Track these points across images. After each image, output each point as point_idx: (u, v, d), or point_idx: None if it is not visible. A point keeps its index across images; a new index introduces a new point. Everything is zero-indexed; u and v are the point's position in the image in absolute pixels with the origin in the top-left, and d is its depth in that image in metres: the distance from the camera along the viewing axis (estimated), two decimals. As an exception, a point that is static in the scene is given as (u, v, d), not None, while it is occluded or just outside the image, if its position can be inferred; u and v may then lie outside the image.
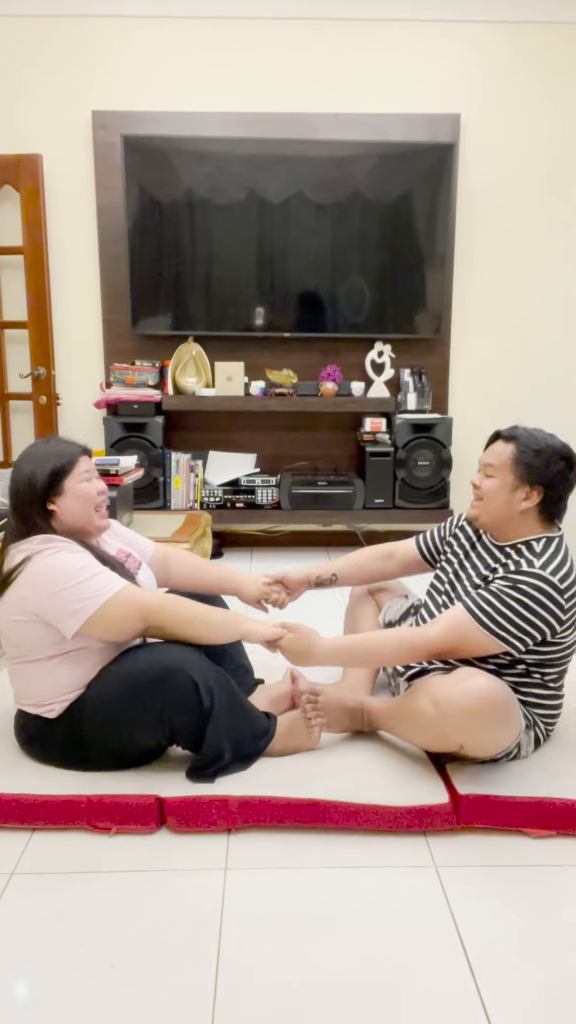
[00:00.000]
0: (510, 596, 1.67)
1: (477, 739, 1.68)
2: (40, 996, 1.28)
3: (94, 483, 1.80)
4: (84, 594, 1.65)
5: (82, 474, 1.77)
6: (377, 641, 1.78)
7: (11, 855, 1.61)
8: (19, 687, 1.78)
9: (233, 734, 1.74)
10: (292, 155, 3.69)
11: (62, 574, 1.65)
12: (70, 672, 1.72)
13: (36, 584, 1.66)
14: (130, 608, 1.67)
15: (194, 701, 1.67)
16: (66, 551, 1.69)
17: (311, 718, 1.82)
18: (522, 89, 3.79)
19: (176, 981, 1.30)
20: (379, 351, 3.92)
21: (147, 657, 1.72)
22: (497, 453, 1.79)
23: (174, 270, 3.77)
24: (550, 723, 1.84)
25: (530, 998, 1.27)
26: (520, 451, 1.76)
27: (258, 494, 3.88)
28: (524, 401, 4.04)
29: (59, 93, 3.73)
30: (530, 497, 1.76)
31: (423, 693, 1.71)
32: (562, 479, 1.76)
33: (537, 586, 1.66)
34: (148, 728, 1.71)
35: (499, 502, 1.78)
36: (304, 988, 1.29)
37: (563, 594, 1.67)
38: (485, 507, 1.80)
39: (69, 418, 3.99)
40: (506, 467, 1.77)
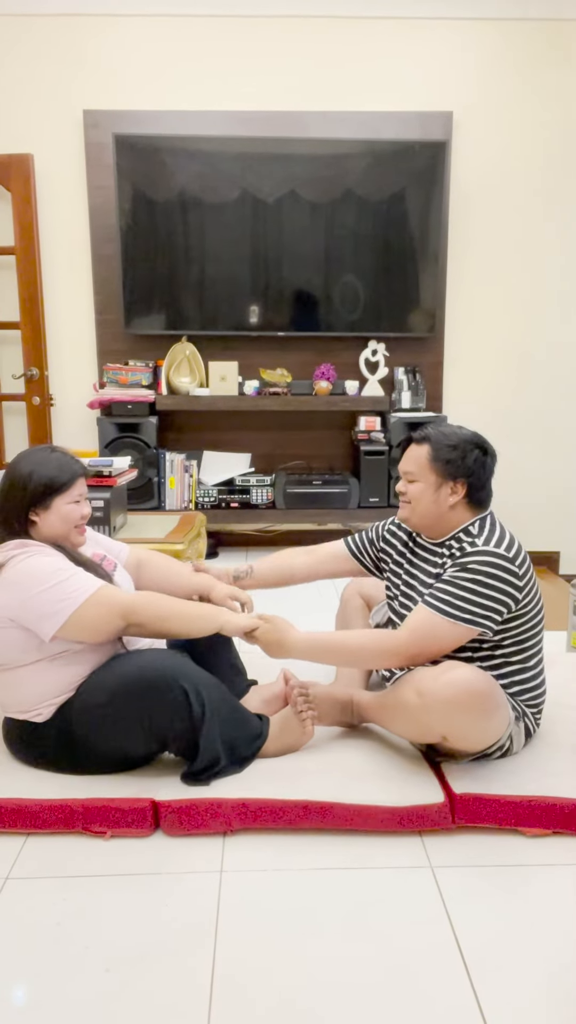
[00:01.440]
0: (464, 579, 1.70)
1: (460, 730, 1.68)
2: (36, 1000, 1.27)
3: (81, 506, 1.79)
4: (61, 595, 1.63)
5: (73, 496, 1.77)
6: (350, 640, 1.80)
7: (6, 859, 1.60)
8: (6, 694, 1.75)
9: (227, 739, 1.74)
10: (285, 153, 3.68)
11: (37, 577, 1.64)
12: (55, 677, 1.71)
13: (11, 589, 1.65)
14: (108, 608, 1.66)
15: (185, 710, 1.66)
16: (40, 554, 1.69)
17: (302, 711, 1.82)
18: (514, 86, 3.79)
19: (172, 984, 1.30)
20: (373, 350, 3.92)
21: (135, 664, 1.70)
22: (414, 458, 1.84)
23: (167, 269, 3.76)
24: (536, 708, 1.84)
25: (526, 998, 1.27)
26: (435, 449, 1.81)
27: (253, 494, 3.87)
28: (518, 398, 4.04)
29: (50, 92, 3.72)
30: (456, 491, 1.80)
31: (408, 685, 1.72)
32: (481, 466, 1.81)
33: (487, 561, 1.70)
34: (138, 736, 1.70)
35: (427, 502, 1.81)
36: (300, 989, 1.29)
37: (513, 562, 1.70)
38: (414, 509, 1.84)
39: (63, 419, 3.98)
40: (425, 468, 1.81)
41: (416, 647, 1.72)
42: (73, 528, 1.78)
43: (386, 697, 1.84)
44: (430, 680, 1.66)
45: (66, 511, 1.76)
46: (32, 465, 1.75)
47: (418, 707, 1.67)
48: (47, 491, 1.73)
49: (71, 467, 1.78)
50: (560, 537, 4.14)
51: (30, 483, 1.73)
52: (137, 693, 1.66)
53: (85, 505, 1.81)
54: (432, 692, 1.65)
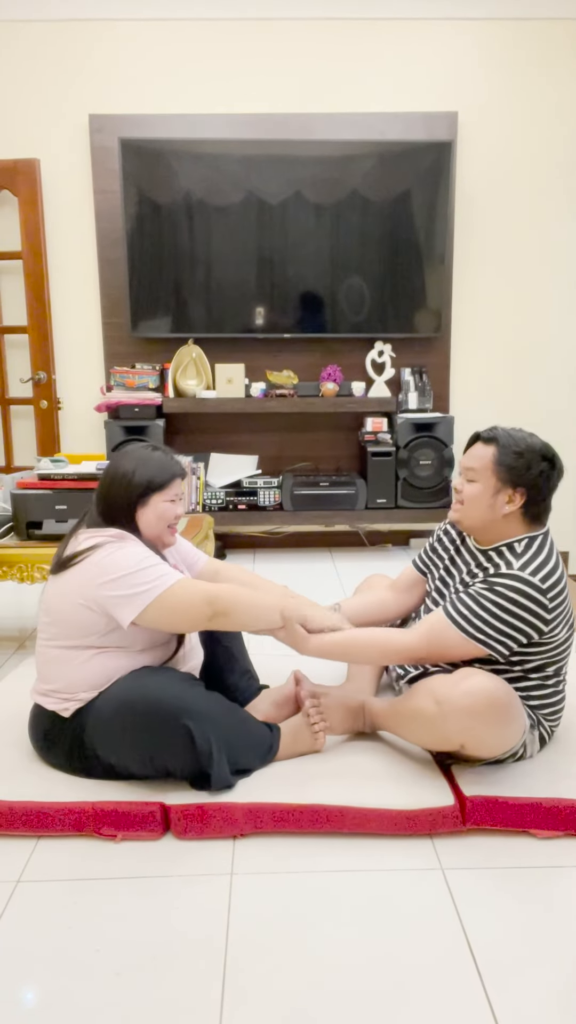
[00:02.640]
0: (487, 599, 1.66)
1: (478, 739, 1.67)
2: (47, 1004, 1.27)
3: (176, 505, 1.83)
4: (148, 578, 1.66)
5: (171, 495, 1.81)
6: (363, 638, 1.78)
7: (17, 863, 1.61)
8: (47, 671, 1.76)
9: (239, 763, 1.74)
10: (290, 155, 3.68)
11: (127, 562, 1.67)
12: (101, 668, 1.72)
13: (103, 571, 1.67)
14: (195, 593, 1.68)
15: (188, 749, 1.65)
16: (131, 545, 1.72)
17: (315, 723, 1.82)
18: (519, 86, 3.78)
19: (183, 988, 1.29)
20: (379, 351, 3.92)
21: (147, 687, 1.68)
22: (478, 456, 1.76)
23: (173, 272, 3.77)
24: (554, 720, 1.83)
25: (538, 1001, 1.27)
26: (501, 453, 1.73)
27: (260, 496, 3.87)
28: (525, 398, 4.03)
29: (55, 97, 3.73)
30: (513, 500, 1.73)
31: (424, 692, 1.70)
32: (545, 480, 1.73)
33: (516, 587, 1.65)
34: (142, 763, 1.70)
35: (481, 507, 1.75)
36: (312, 992, 1.28)
37: (545, 594, 1.65)
38: (466, 512, 1.78)
39: (70, 422, 3.99)
40: (488, 470, 1.74)
41: (425, 651, 1.72)
42: (166, 527, 1.82)
43: (400, 704, 1.82)
44: (448, 688, 1.64)
45: (163, 508, 1.79)
46: (135, 462, 1.79)
47: (436, 715, 1.65)
48: (148, 488, 1.77)
49: (171, 467, 1.82)
50: (571, 538, 4.13)
51: (133, 479, 1.77)
52: (143, 721, 1.66)
53: (179, 505, 1.84)
54: (450, 700, 1.63)
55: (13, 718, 2.03)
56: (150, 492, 1.78)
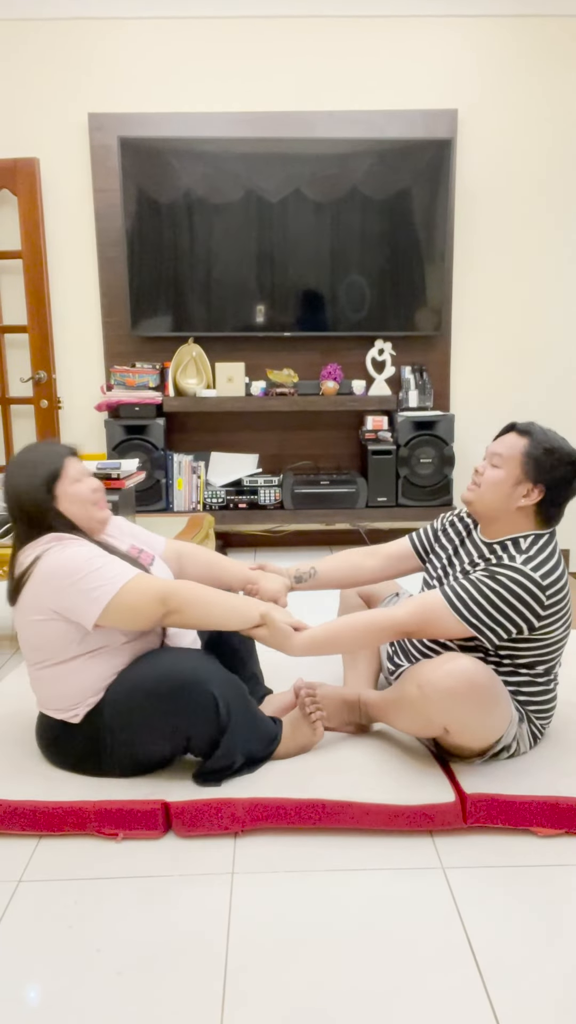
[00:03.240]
0: (486, 586, 1.67)
1: (459, 722, 1.67)
2: (48, 1003, 1.27)
3: (86, 482, 1.79)
4: (100, 581, 1.64)
5: (72, 476, 1.77)
6: (346, 624, 1.77)
7: (18, 862, 1.61)
8: (44, 692, 1.76)
9: (246, 743, 1.74)
10: (289, 153, 3.67)
11: (75, 565, 1.66)
12: (96, 671, 1.72)
13: (51, 579, 1.66)
14: (148, 593, 1.66)
15: (212, 715, 1.67)
16: (75, 545, 1.70)
17: (311, 712, 1.83)
18: (518, 83, 3.77)
19: (184, 987, 1.30)
20: (380, 349, 3.91)
21: (165, 665, 1.70)
22: (509, 444, 1.77)
23: (173, 271, 3.77)
24: (544, 718, 1.83)
25: (541, 1001, 1.26)
26: (532, 446, 1.74)
27: (261, 494, 3.87)
28: (526, 396, 4.03)
29: (54, 96, 3.72)
30: (530, 495, 1.74)
31: (408, 678, 1.72)
32: (566, 483, 1.74)
33: (515, 579, 1.66)
34: (164, 737, 1.71)
35: (499, 493, 1.76)
36: (312, 991, 1.28)
37: (544, 591, 1.66)
38: (481, 495, 1.79)
39: (70, 421, 3.99)
40: (515, 460, 1.75)
41: (416, 626, 1.72)
42: (91, 505, 1.79)
43: (390, 693, 1.84)
44: (430, 671, 1.67)
45: (73, 492, 1.76)
46: (25, 467, 1.76)
47: (418, 698, 1.67)
48: (49, 481, 1.74)
49: (57, 451, 1.79)
50: (570, 535, 4.13)
51: (33, 482, 1.74)
52: (167, 694, 1.66)
53: (90, 479, 1.81)
54: (431, 682, 1.65)
55: (13, 718, 2.03)
56: (53, 483, 1.74)
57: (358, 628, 1.76)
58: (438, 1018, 1.23)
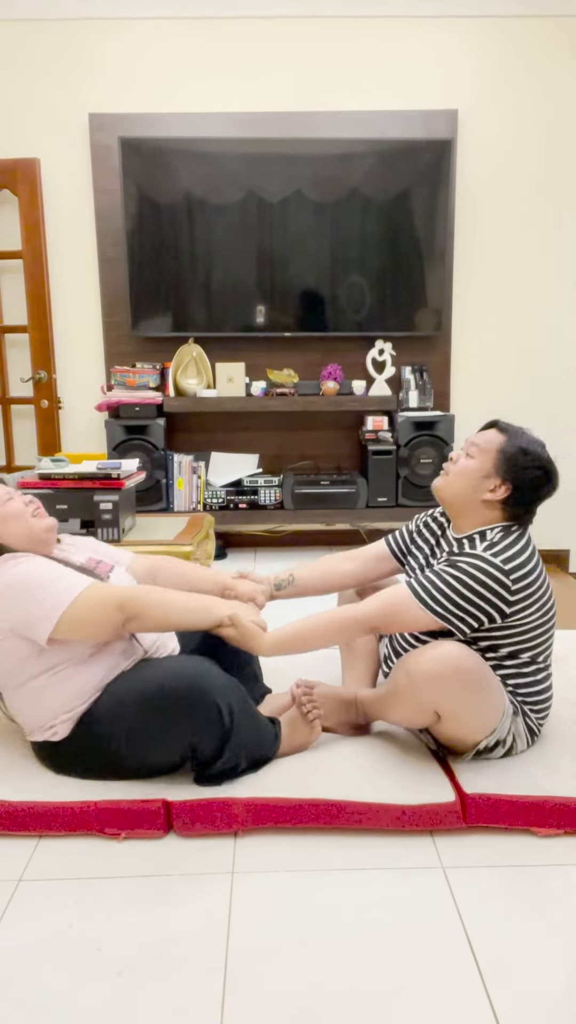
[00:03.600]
0: (448, 575, 1.69)
1: (450, 705, 1.67)
2: (48, 1003, 1.27)
3: (16, 500, 1.79)
4: (51, 594, 1.63)
5: (2, 500, 1.77)
6: (312, 621, 1.78)
7: (18, 862, 1.61)
8: (21, 717, 1.76)
9: (247, 748, 1.74)
10: (290, 154, 3.68)
11: (26, 582, 1.64)
12: (62, 689, 1.70)
13: (2, 597, 1.64)
14: (103, 601, 1.64)
15: (216, 723, 1.66)
16: (28, 561, 1.69)
17: (308, 711, 1.84)
18: (518, 83, 3.78)
19: (184, 987, 1.30)
20: (380, 349, 3.91)
21: (165, 675, 1.68)
22: (488, 438, 1.82)
23: (173, 271, 3.77)
24: (540, 711, 1.83)
25: (541, 1001, 1.27)
26: (509, 444, 1.79)
27: (261, 494, 3.87)
28: (526, 396, 4.03)
29: (55, 96, 3.73)
30: (496, 490, 1.78)
31: (399, 668, 1.74)
32: (533, 486, 1.78)
33: (476, 565, 1.68)
34: (169, 747, 1.70)
35: (467, 482, 1.80)
36: (312, 992, 1.28)
37: (508, 575, 1.68)
38: (450, 482, 1.83)
39: (71, 421, 4.00)
40: (489, 453, 1.79)
41: (382, 619, 1.73)
42: (30, 517, 1.78)
43: (384, 687, 1.86)
44: (416, 657, 1.69)
45: (4, 512, 1.75)
46: None
47: (407, 686, 1.69)
48: None
49: None
50: (569, 535, 4.13)
51: None
52: (170, 705, 1.65)
53: (20, 496, 1.80)
54: (418, 668, 1.66)
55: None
56: None
57: (326, 625, 1.77)
58: (438, 1017, 1.23)
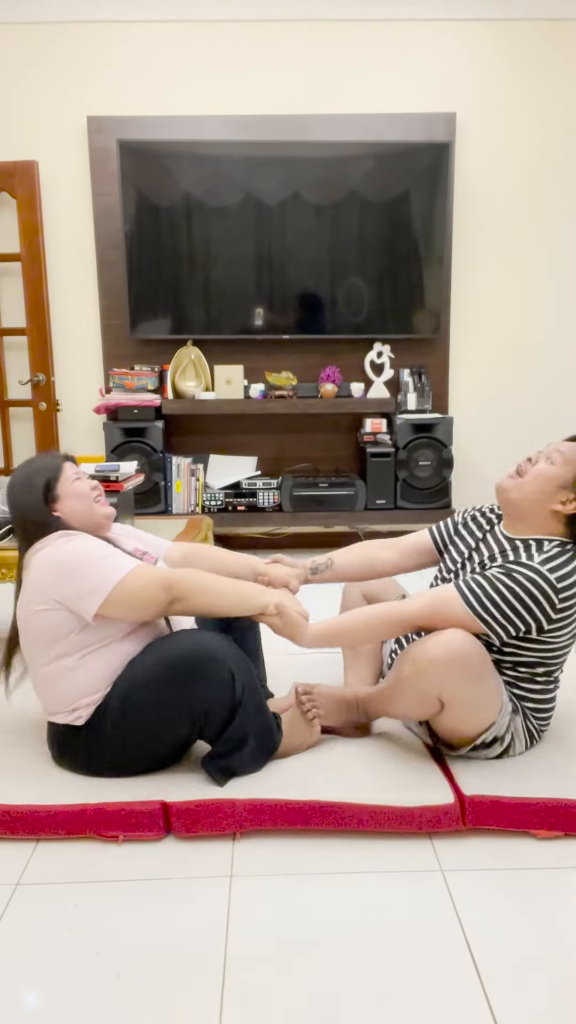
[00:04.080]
0: (501, 582, 1.68)
1: (453, 692, 1.67)
2: (46, 1006, 1.27)
3: (85, 481, 1.86)
4: (101, 571, 1.67)
5: (71, 477, 1.84)
6: (358, 616, 1.78)
7: (16, 865, 1.61)
8: (46, 694, 1.77)
9: (255, 723, 1.75)
10: (288, 157, 3.68)
11: (77, 556, 1.69)
12: (94, 669, 1.72)
13: (54, 568, 1.69)
14: (150, 580, 1.68)
15: (228, 689, 1.69)
16: (80, 539, 1.74)
17: (308, 710, 1.84)
18: (517, 86, 3.79)
19: (183, 991, 1.29)
20: (378, 351, 3.92)
21: (180, 644, 1.72)
22: (571, 448, 1.79)
23: (172, 274, 3.77)
24: (541, 718, 1.83)
25: (540, 1005, 1.26)
26: None
27: (259, 497, 3.87)
28: (525, 398, 4.03)
29: (54, 99, 3.73)
30: (567, 504, 1.75)
31: (402, 659, 1.74)
32: None
33: (531, 578, 1.66)
34: (182, 714, 1.70)
35: (539, 489, 1.76)
36: (311, 995, 1.28)
37: (558, 593, 1.66)
38: (521, 486, 1.78)
39: (69, 424, 3.99)
40: (571, 464, 1.76)
41: (426, 618, 1.72)
42: (93, 502, 1.84)
43: (386, 682, 1.85)
44: (420, 645, 1.69)
45: (74, 489, 1.82)
46: (20, 479, 1.83)
47: (412, 673, 1.68)
48: (48, 486, 1.80)
49: (53, 459, 1.87)
50: (568, 537, 4.13)
51: (31, 492, 1.80)
52: (185, 669, 1.68)
53: (89, 479, 1.87)
54: (424, 654, 1.66)
55: (13, 721, 2.03)
56: (54, 483, 1.81)
57: (371, 620, 1.76)
58: (437, 1020, 1.23)
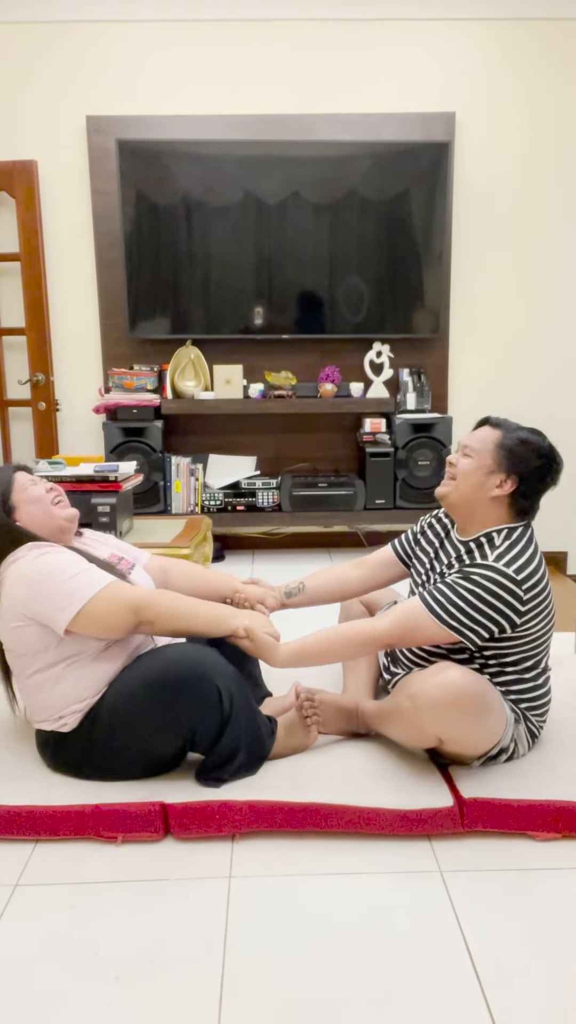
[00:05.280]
0: (462, 587, 1.68)
1: (452, 732, 1.67)
2: (45, 1008, 1.27)
3: (39, 486, 1.84)
4: (72, 589, 1.66)
5: (25, 484, 1.82)
6: (332, 636, 1.78)
7: (15, 866, 1.61)
8: (30, 703, 1.78)
9: (246, 736, 1.75)
10: (288, 156, 3.68)
11: (50, 572, 1.68)
12: (75, 680, 1.72)
13: (25, 584, 1.68)
14: (119, 603, 1.68)
15: (215, 706, 1.68)
16: (54, 552, 1.73)
17: (308, 715, 1.84)
18: (516, 85, 3.78)
19: (181, 992, 1.29)
20: (378, 351, 3.92)
21: (167, 660, 1.71)
22: (481, 437, 1.80)
23: (171, 273, 3.77)
24: (539, 715, 1.83)
25: (538, 1005, 1.26)
26: (506, 437, 1.77)
27: (259, 496, 3.87)
28: (523, 398, 4.03)
29: (53, 99, 3.73)
30: (503, 485, 1.76)
31: (400, 690, 1.74)
32: (539, 475, 1.76)
33: (489, 577, 1.67)
34: (169, 732, 1.71)
35: (472, 483, 1.77)
36: (309, 997, 1.28)
37: (520, 585, 1.66)
38: (456, 486, 1.80)
39: (68, 424, 3.99)
40: (487, 451, 1.77)
41: (397, 637, 1.73)
42: (51, 505, 1.82)
43: (386, 704, 1.85)
44: (420, 683, 1.68)
45: (27, 495, 1.81)
46: None
47: (410, 709, 1.68)
48: (2, 499, 1.79)
49: (3, 471, 1.85)
50: (568, 538, 4.13)
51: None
52: (171, 687, 1.67)
53: (43, 482, 1.85)
54: (423, 693, 1.65)
55: (9, 723, 2.03)
56: (8, 494, 1.79)
57: (342, 641, 1.76)
58: (435, 1022, 1.23)
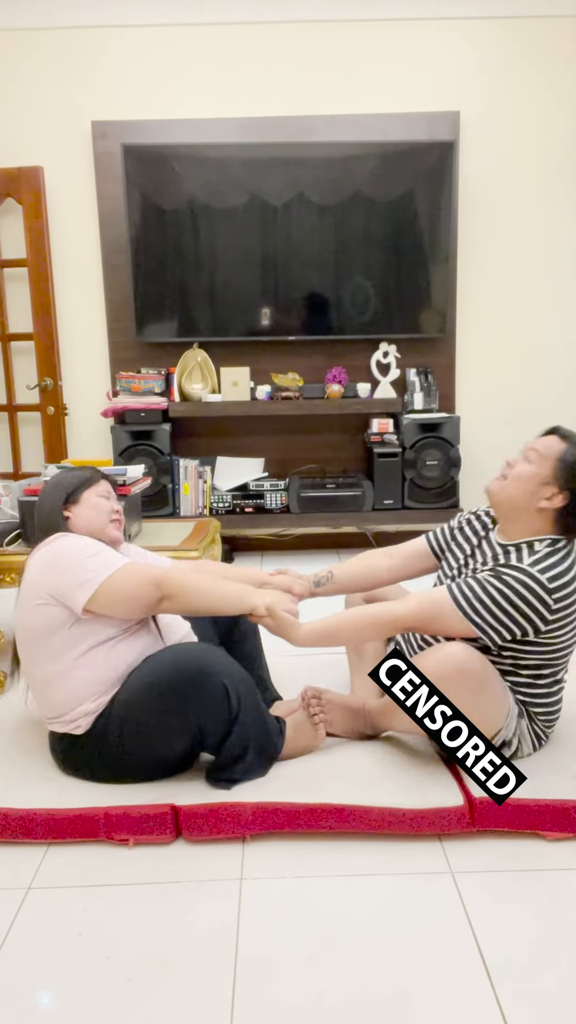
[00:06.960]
0: (492, 585, 1.68)
1: (457, 705, 1.65)
2: (58, 1011, 1.28)
3: (112, 502, 1.93)
4: (92, 565, 1.71)
5: (101, 491, 1.91)
6: (350, 616, 1.79)
7: (27, 869, 1.62)
8: (43, 700, 1.78)
9: (255, 735, 1.76)
10: (292, 158, 3.68)
11: (70, 551, 1.74)
12: (87, 675, 1.72)
13: (47, 564, 1.74)
14: (140, 576, 1.71)
15: (223, 705, 1.69)
16: (76, 538, 1.79)
17: (315, 714, 1.85)
18: (520, 84, 3.77)
19: (193, 994, 1.30)
20: (384, 351, 3.91)
21: (174, 659, 1.73)
22: (547, 444, 1.78)
23: (177, 277, 3.78)
24: (547, 721, 1.83)
25: (550, 1006, 1.26)
26: (569, 452, 1.74)
27: (267, 498, 3.88)
28: (531, 397, 4.02)
29: (58, 104, 3.74)
30: (553, 499, 1.74)
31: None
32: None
33: (521, 580, 1.66)
34: (178, 732, 1.72)
35: (523, 488, 1.76)
36: (322, 998, 1.28)
37: (551, 594, 1.65)
38: (506, 487, 1.79)
39: (77, 428, 4.01)
40: (549, 460, 1.75)
41: (420, 621, 1.73)
42: (108, 522, 1.90)
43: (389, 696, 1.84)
44: (421, 661, 1.69)
45: (96, 501, 1.90)
46: (62, 476, 1.94)
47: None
48: (79, 486, 1.89)
49: (94, 472, 1.97)
50: None
51: (63, 484, 1.90)
52: (178, 687, 1.68)
53: (115, 502, 1.95)
54: (424, 670, 1.66)
55: (22, 726, 2.04)
56: (81, 488, 1.89)
57: (363, 621, 1.78)
58: (447, 1021, 1.23)
